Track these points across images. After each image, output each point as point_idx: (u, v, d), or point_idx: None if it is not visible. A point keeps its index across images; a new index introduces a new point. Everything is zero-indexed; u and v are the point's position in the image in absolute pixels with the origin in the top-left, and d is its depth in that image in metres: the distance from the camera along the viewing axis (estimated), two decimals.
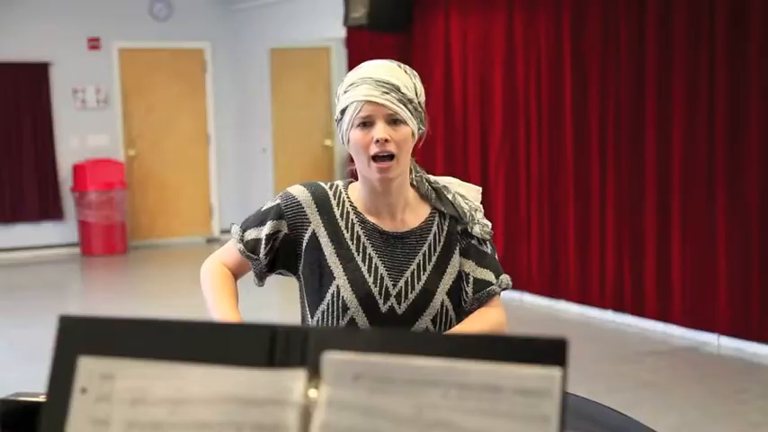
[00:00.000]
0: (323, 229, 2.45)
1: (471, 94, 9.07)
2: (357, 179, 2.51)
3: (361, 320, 2.42)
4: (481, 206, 2.55)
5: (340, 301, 2.41)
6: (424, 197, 2.52)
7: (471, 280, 2.49)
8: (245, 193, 13.17)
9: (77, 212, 12.15)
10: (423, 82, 2.52)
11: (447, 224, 2.51)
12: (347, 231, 2.45)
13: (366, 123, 2.35)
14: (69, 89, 12.31)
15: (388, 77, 2.38)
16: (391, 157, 2.35)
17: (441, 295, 2.46)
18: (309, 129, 12.76)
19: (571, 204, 8.15)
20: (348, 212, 2.47)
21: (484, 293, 2.49)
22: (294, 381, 1.07)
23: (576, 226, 8.11)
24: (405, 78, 2.41)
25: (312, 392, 1.06)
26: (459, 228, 2.50)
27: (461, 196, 2.53)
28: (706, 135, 6.96)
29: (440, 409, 1.00)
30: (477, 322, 2.47)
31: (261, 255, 2.47)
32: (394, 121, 2.36)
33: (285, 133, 12.67)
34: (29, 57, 12.01)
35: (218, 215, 13.32)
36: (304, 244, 2.45)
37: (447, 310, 2.48)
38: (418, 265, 2.46)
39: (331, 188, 2.51)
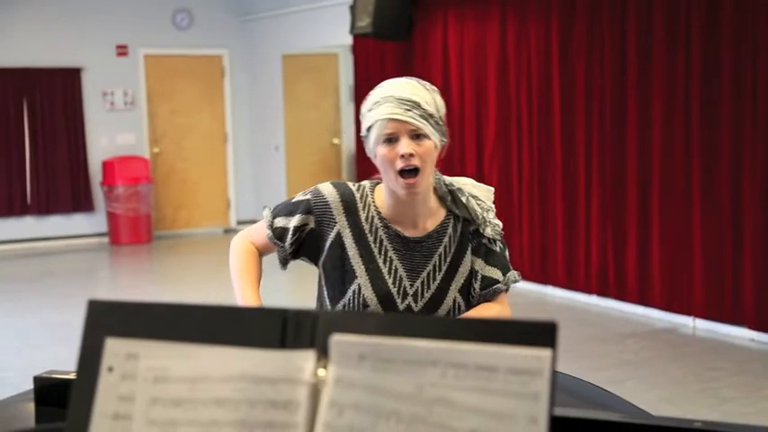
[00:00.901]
0: (348, 230, 2.42)
1: (467, 95, 9.06)
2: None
3: None
4: (493, 206, 2.52)
5: (360, 298, 2.40)
6: (441, 199, 2.48)
7: (479, 277, 2.46)
8: (260, 188, 13.18)
9: (106, 205, 12.16)
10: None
11: (461, 226, 2.48)
12: (371, 235, 2.43)
13: (391, 140, 2.31)
14: (99, 92, 12.31)
15: (410, 95, 2.32)
16: (416, 171, 2.32)
17: (453, 293, 2.44)
18: (319, 128, 12.74)
19: (559, 197, 8.14)
20: (373, 217, 2.44)
21: (490, 291, 2.46)
22: (304, 361, 1.06)
23: (564, 217, 8.11)
24: (425, 94, 2.35)
25: (321, 372, 1.05)
26: (471, 228, 2.48)
27: (474, 197, 2.50)
28: (682, 133, 6.96)
29: (439, 387, 1.00)
30: (477, 313, 2.45)
31: (287, 243, 2.46)
32: (417, 136, 2.31)
33: (296, 132, 12.66)
34: (63, 63, 12.02)
35: (235, 207, 13.32)
36: (328, 241, 2.43)
37: (459, 306, 2.46)
38: (434, 266, 2.43)
39: (358, 190, 2.47)
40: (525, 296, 8.20)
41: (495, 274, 2.46)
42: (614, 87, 7.50)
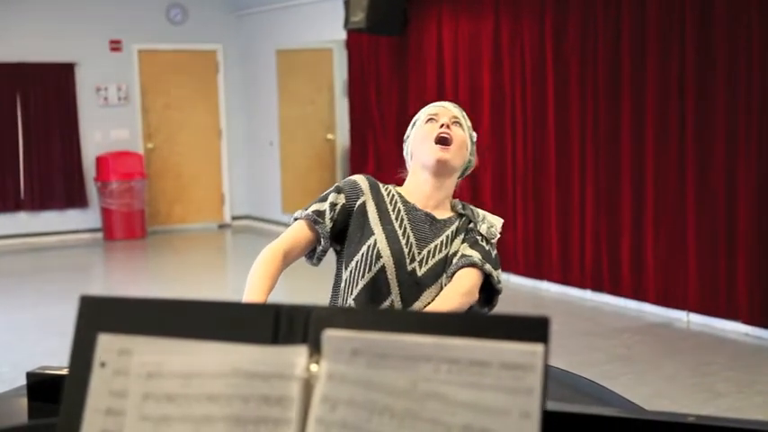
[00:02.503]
0: (371, 201, 2.66)
1: (462, 91, 9.05)
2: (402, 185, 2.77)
3: (390, 270, 2.56)
4: (499, 230, 2.69)
5: (375, 251, 2.58)
6: (452, 208, 2.73)
7: (459, 255, 2.61)
8: (254, 183, 13.17)
9: (100, 200, 12.14)
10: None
11: (463, 223, 2.69)
12: (391, 206, 2.67)
13: (433, 119, 2.68)
14: (93, 87, 12.28)
15: (453, 104, 2.77)
16: (449, 141, 2.63)
17: (443, 278, 2.60)
18: (313, 123, 12.72)
19: (553, 193, 8.15)
20: (394, 196, 2.70)
21: (463, 259, 2.58)
22: (297, 356, 1.06)
23: (558, 213, 8.12)
24: (462, 112, 2.76)
25: (314, 367, 1.05)
26: (469, 225, 2.68)
27: (483, 216, 2.71)
28: (677, 129, 6.97)
29: (432, 382, 1.00)
30: (437, 304, 2.53)
31: (326, 219, 2.62)
32: (455, 123, 2.68)
33: (290, 128, 12.64)
34: (56, 58, 12.00)
35: (230, 203, 13.31)
36: (355, 209, 2.65)
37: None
38: (441, 242, 2.63)
39: (383, 184, 2.75)
40: (520, 291, 8.21)
41: (475, 255, 2.60)
42: (608, 82, 7.50)
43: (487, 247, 2.63)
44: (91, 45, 12.19)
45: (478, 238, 2.64)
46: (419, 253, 2.60)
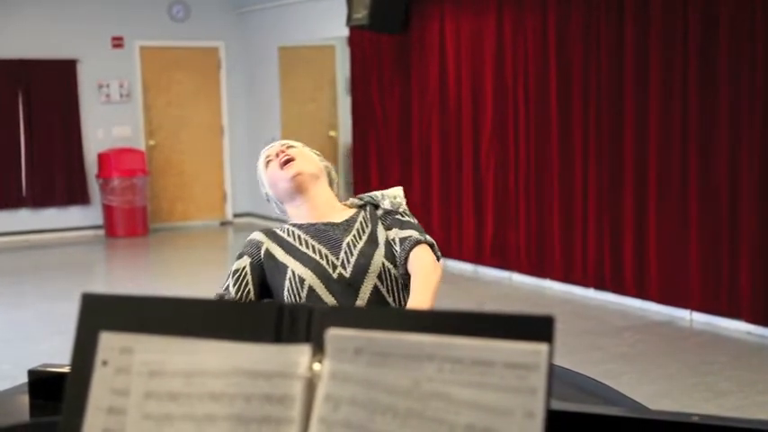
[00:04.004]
0: (273, 243, 2.72)
1: (464, 88, 9.05)
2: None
3: (318, 288, 2.62)
4: (402, 197, 2.81)
5: (296, 278, 2.64)
6: (352, 206, 2.84)
7: (398, 240, 2.67)
8: (256, 181, 13.10)
9: (102, 197, 12.14)
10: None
11: (369, 212, 2.79)
12: (290, 237, 2.73)
13: (269, 160, 2.85)
14: (95, 84, 12.29)
15: (272, 144, 2.94)
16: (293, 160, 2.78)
17: (379, 257, 2.66)
18: (315, 120, 12.73)
19: (556, 191, 8.14)
20: (290, 229, 2.76)
21: (407, 243, 2.64)
22: (299, 355, 1.06)
23: (561, 211, 8.11)
24: (286, 141, 2.95)
25: (316, 366, 1.05)
26: (379, 212, 2.79)
27: (382, 195, 2.84)
28: (680, 126, 6.96)
29: (435, 381, 0.99)
30: (420, 288, 2.56)
31: (231, 288, 2.67)
32: (288, 147, 2.86)
33: (292, 125, 12.64)
34: (58, 54, 12.00)
35: (231, 200, 13.31)
36: (263, 258, 2.70)
37: (389, 270, 2.66)
38: (352, 237, 2.70)
39: (278, 227, 2.81)
40: (522, 289, 8.21)
41: (411, 234, 2.68)
42: (611, 80, 7.49)
43: (412, 220, 2.74)
44: (93, 42, 12.19)
45: (398, 217, 2.74)
46: (337, 258, 2.65)
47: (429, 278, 2.55)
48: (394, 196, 2.79)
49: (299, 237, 2.72)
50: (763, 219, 6.47)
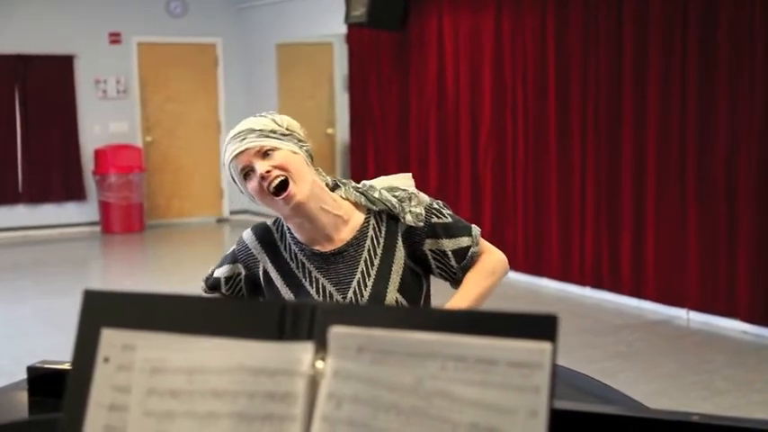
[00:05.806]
0: (271, 265, 2.45)
1: (462, 86, 9.05)
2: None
3: None
4: (415, 191, 2.44)
5: None
6: (356, 205, 2.43)
7: (450, 255, 2.40)
8: None
9: (98, 194, 12.13)
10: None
11: (384, 224, 2.41)
12: (293, 262, 2.43)
13: (248, 172, 2.33)
14: (92, 80, 12.28)
15: (241, 128, 2.38)
16: (285, 182, 2.30)
17: (392, 294, 2.37)
18: (313, 118, 12.71)
19: (554, 189, 8.14)
20: (290, 244, 2.44)
21: (468, 259, 2.42)
22: (302, 353, 1.05)
23: (558, 209, 8.11)
24: (258, 120, 2.39)
25: (319, 364, 1.05)
26: (400, 228, 2.40)
27: (391, 189, 2.44)
28: (678, 125, 6.96)
29: (438, 379, 0.99)
30: (469, 290, 2.41)
31: (223, 291, 2.52)
32: (266, 153, 2.31)
33: None
34: (55, 50, 11.99)
35: (228, 197, 13.30)
36: (261, 280, 2.47)
37: (401, 303, 2.40)
38: (362, 272, 2.37)
39: (275, 224, 2.49)
40: (519, 288, 8.21)
41: (464, 241, 2.42)
42: (610, 77, 7.49)
43: (450, 219, 2.42)
44: (90, 37, 12.18)
45: (440, 220, 2.40)
46: (344, 298, 2.37)
47: (476, 284, 2.40)
48: (415, 203, 2.39)
49: (302, 264, 2.42)
50: (760, 218, 6.47)
